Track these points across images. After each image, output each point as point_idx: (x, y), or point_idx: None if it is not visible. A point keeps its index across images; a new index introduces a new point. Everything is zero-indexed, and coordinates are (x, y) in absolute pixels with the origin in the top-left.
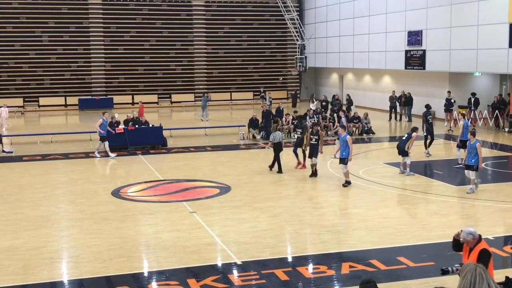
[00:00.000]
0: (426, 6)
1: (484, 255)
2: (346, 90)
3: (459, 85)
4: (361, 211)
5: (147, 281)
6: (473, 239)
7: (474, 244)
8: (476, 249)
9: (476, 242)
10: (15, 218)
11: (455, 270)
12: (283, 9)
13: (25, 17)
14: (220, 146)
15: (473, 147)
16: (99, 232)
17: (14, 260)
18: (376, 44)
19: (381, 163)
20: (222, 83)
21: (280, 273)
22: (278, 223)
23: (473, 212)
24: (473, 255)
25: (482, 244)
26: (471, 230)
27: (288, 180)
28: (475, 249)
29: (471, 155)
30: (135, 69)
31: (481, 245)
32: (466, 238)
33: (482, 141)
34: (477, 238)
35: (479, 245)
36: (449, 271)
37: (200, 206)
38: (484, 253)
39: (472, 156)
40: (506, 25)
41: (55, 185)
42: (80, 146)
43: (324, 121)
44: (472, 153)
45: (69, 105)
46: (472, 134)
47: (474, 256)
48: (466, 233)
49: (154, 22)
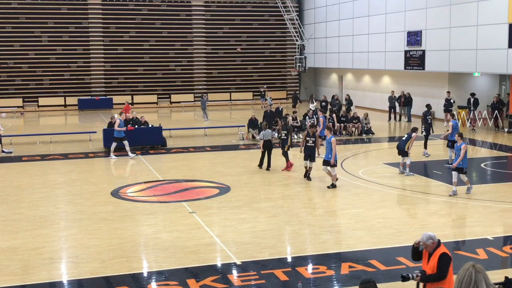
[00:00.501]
0: (425, 6)
1: (444, 259)
2: (345, 91)
3: (458, 85)
4: (360, 211)
5: (146, 281)
6: (433, 244)
7: (434, 248)
8: (435, 253)
9: (435, 247)
10: (14, 219)
11: (415, 276)
12: (283, 9)
13: (24, 17)
14: (219, 146)
15: (459, 148)
16: (99, 232)
17: (13, 260)
18: (375, 44)
19: (380, 163)
20: (221, 83)
21: (279, 273)
22: (278, 223)
23: (472, 212)
24: (433, 259)
25: (442, 248)
26: (431, 234)
27: (287, 180)
28: (434, 253)
29: (458, 157)
30: (135, 69)
31: (440, 250)
32: (426, 243)
33: (481, 142)
34: (436, 243)
35: (439, 249)
36: (410, 277)
37: (199, 206)
38: (444, 257)
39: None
40: (506, 25)
41: (54, 185)
42: (79, 146)
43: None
44: (459, 155)
45: (69, 105)
46: (460, 136)
47: (434, 260)
48: (426, 238)
49: (154, 22)
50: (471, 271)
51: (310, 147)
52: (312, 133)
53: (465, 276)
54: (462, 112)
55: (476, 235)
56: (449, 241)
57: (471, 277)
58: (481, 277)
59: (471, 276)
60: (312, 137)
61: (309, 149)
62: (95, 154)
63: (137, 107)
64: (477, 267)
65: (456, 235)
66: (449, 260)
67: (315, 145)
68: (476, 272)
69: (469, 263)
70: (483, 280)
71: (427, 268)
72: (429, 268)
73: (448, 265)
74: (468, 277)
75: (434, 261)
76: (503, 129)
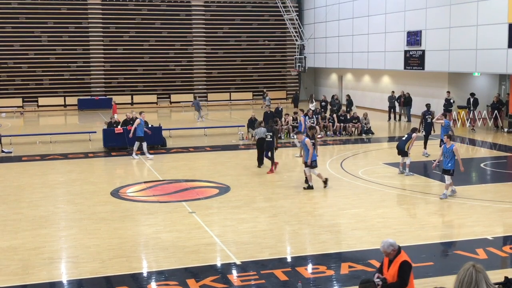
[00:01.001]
0: (425, 6)
1: (405, 267)
2: (345, 91)
3: (458, 85)
4: (360, 211)
5: (146, 281)
6: (393, 251)
7: (394, 256)
8: (396, 261)
9: (396, 254)
10: (14, 218)
11: (376, 285)
12: (282, 9)
13: (24, 17)
14: (219, 146)
15: (449, 150)
16: (98, 232)
17: (13, 260)
18: (375, 44)
19: (380, 163)
20: (221, 83)
21: (279, 273)
22: (277, 223)
23: (472, 212)
24: (394, 267)
25: (402, 255)
26: (392, 242)
27: (287, 180)
28: (395, 261)
29: (447, 159)
30: (134, 69)
31: (401, 257)
32: (386, 250)
33: (481, 141)
34: (396, 250)
35: (399, 256)
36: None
37: (199, 206)
38: (405, 265)
39: (449, 160)
40: (505, 25)
41: (54, 185)
42: (79, 146)
43: (323, 121)
44: (448, 157)
45: (68, 105)
46: (449, 138)
47: (395, 268)
48: (387, 245)
49: (153, 22)
50: (472, 271)
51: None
52: (311, 135)
53: (466, 276)
54: (462, 112)
55: (476, 235)
56: (449, 241)
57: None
58: (482, 277)
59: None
60: (312, 139)
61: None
62: (95, 154)
63: (137, 107)
64: (477, 267)
65: (456, 235)
66: (410, 268)
67: (314, 147)
68: (476, 272)
69: (469, 263)
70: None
71: (388, 276)
72: (390, 275)
73: (408, 273)
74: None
75: (394, 268)
76: (502, 129)
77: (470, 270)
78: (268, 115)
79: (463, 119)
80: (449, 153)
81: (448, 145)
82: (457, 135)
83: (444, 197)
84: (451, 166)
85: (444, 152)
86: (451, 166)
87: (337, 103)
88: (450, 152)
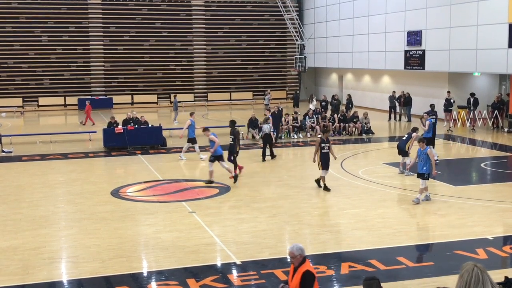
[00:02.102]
0: (425, 6)
1: (308, 278)
2: (345, 90)
3: (458, 85)
4: (360, 211)
5: (146, 281)
6: (300, 256)
7: (299, 263)
8: (300, 270)
9: (301, 262)
10: (14, 218)
11: None
12: (283, 9)
13: (24, 17)
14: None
15: (423, 153)
16: (98, 232)
17: (13, 260)
18: (375, 44)
19: (380, 163)
20: (221, 83)
21: (279, 273)
22: (278, 223)
23: (472, 212)
24: (297, 276)
25: (306, 265)
26: (301, 246)
27: (287, 180)
28: (299, 269)
29: (422, 162)
30: (135, 69)
31: (305, 266)
32: (294, 253)
33: (481, 141)
34: (303, 257)
35: (303, 265)
36: None
37: (199, 206)
38: (308, 276)
39: (423, 163)
40: (506, 25)
41: (54, 185)
42: (79, 146)
43: (323, 121)
44: (422, 160)
45: (69, 105)
46: (421, 141)
47: (298, 277)
48: (296, 248)
49: (154, 22)
50: (477, 272)
51: (326, 153)
52: (326, 139)
53: (472, 277)
54: (462, 112)
55: (476, 235)
56: (449, 241)
57: (478, 278)
58: (487, 277)
59: (478, 276)
60: (327, 142)
61: (325, 156)
62: (95, 154)
63: (137, 106)
64: (481, 267)
65: (456, 235)
66: (313, 279)
67: (329, 151)
68: (482, 272)
69: (470, 264)
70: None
71: (291, 285)
72: (293, 285)
73: (312, 285)
74: (476, 278)
75: (298, 277)
76: (503, 129)
77: (475, 270)
78: (275, 116)
79: (463, 119)
80: (423, 156)
81: (422, 148)
82: (457, 135)
83: (417, 201)
84: (426, 170)
85: (419, 155)
86: (426, 169)
87: (336, 103)
88: (425, 155)
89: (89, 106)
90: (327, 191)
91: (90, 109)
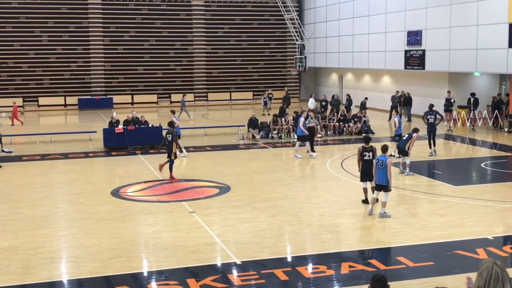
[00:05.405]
0: (425, 6)
1: None
2: (345, 90)
3: (458, 85)
4: (360, 211)
5: (146, 281)
6: None
7: None
8: None
9: None
10: (14, 218)
11: None
12: (283, 9)
13: (24, 17)
14: (219, 146)
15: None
16: (98, 232)
17: (13, 260)
18: (375, 44)
19: None
20: (221, 83)
21: (279, 273)
22: (278, 223)
23: (472, 212)
24: None
25: None
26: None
27: (287, 180)
28: None
29: (383, 171)
30: (135, 69)
31: None
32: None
33: (481, 141)
34: None
35: None
36: None
37: (199, 206)
38: None
39: (385, 173)
40: (506, 25)
41: (54, 185)
42: (79, 146)
43: (323, 121)
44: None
45: (69, 105)
46: (383, 150)
47: None
48: None
49: (154, 22)
50: (497, 270)
51: (368, 161)
52: (369, 147)
53: (492, 275)
54: (463, 111)
55: (476, 235)
56: (449, 241)
57: (498, 276)
58: (506, 275)
59: (498, 274)
60: (370, 151)
61: (368, 164)
62: (95, 154)
63: (137, 106)
64: (500, 265)
65: (456, 235)
66: None
67: (373, 158)
68: (501, 270)
69: (490, 261)
70: (507, 278)
71: None
72: None
73: None
74: (495, 276)
75: None
76: (503, 129)
77: (495, 268)
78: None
79: (464, 119)
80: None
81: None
82: (457, 135)
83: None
84: (388, 182)
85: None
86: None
87: (335, 103)
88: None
89: (16, 107)
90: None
91: (16, 110)
